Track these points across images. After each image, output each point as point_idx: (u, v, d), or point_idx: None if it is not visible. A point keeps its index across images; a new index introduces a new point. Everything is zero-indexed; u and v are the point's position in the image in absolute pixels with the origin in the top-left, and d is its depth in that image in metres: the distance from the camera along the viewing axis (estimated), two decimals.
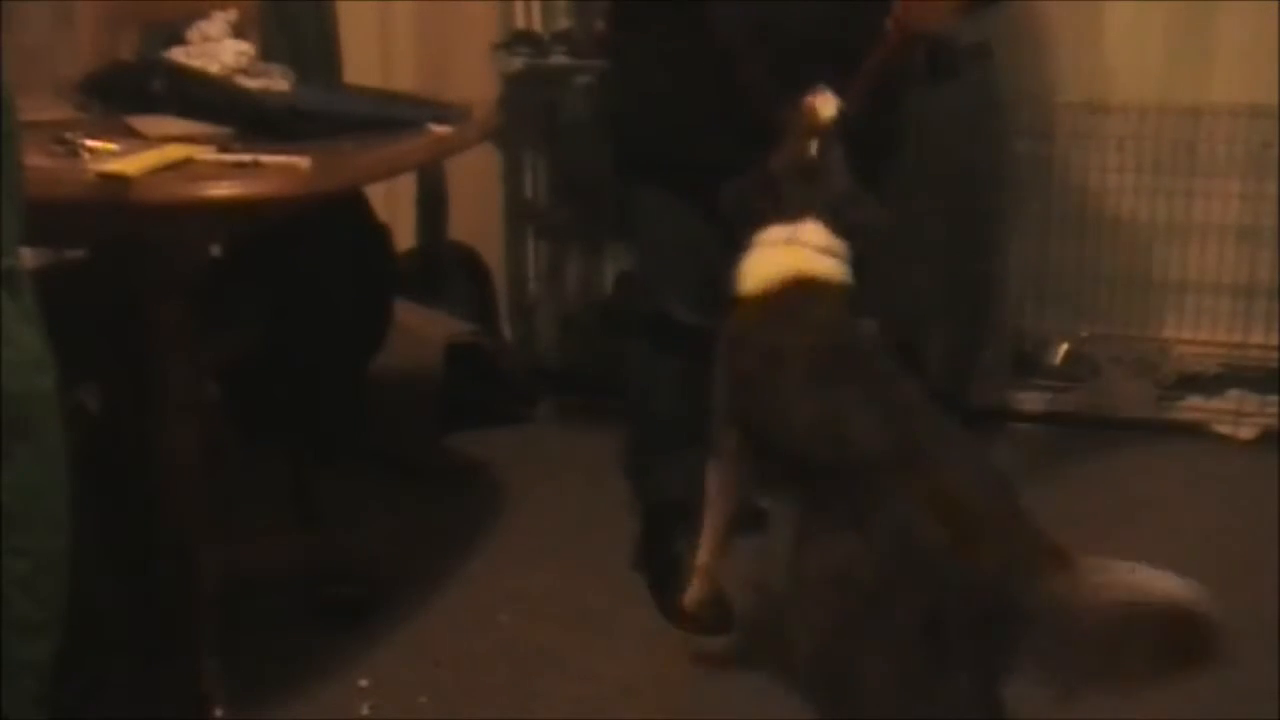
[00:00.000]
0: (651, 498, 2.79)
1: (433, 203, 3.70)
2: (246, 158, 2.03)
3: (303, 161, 2.03)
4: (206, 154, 2.07)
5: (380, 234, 2.81)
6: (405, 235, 3.65)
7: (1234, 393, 3.48)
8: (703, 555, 2.38)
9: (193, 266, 2.12)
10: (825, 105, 2.29)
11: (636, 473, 2.81)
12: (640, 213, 2.69)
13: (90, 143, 2.04)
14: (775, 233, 2.22)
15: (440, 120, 2.37)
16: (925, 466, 1.81)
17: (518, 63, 3.59)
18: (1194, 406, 3.50)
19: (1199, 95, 3.42)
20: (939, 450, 1.85)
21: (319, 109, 2.29)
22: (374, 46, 3.62)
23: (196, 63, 2.43)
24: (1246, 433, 3.45)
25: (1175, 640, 1.63)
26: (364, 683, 2.39)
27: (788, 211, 2.22)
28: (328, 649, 2.47)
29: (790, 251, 2.20)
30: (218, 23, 2.50)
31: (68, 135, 2.05)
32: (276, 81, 2.47)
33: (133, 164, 1.95)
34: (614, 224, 3.54)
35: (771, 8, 2.46)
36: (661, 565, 2.73)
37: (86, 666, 1.99)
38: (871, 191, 2.49)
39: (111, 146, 2.05)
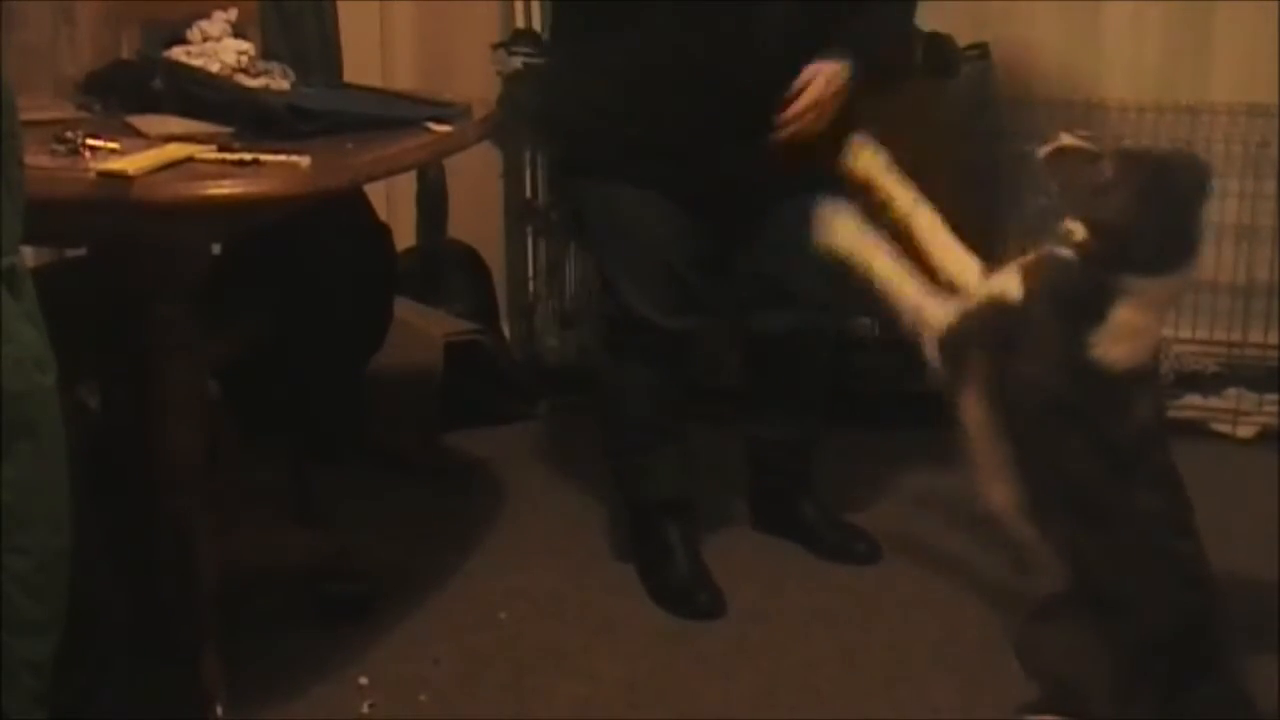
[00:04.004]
0: (640, 497, 2.79)
1: (433, 202, 3.70)
2: (247, 156, 2.04)
3: (303, 160, 2.03)
4: (207, 153, 2.07)
5: (380, 233, 2.81)
6: (405, 234, 3.65)
7: (1232, 391, 3.48)
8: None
9: (193, 266, 2.12)
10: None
11: (620, 474, 2.81)
12: (598, 212, 2.64)
13: (91, 142, 2.05)
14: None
15: (440, 119, 2.38)
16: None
17: (517, 62, 3.59)
18: (1192, 405, 3.50)
19: (1197, 94, 3.42)
20: None
21: (319, 108, 2.30)
22: (374, 46, 3.62)
23: (197, 62, 2.43)
24: (1245, 431, 3.45)
25: None
26: (364, 681, 2.39)
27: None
28: (328, 647, 2.47)
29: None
30: (218, 22, 2.50)
31: (69, 134, 2.05)
32: (277, 81, 2.48)
33: (134, 163, 1.95)
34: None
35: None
36: (652, 552, 2.74)
37: (86, 666, 1.99)
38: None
39: (112, 145, 2.05)
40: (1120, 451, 2.19)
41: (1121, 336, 2.14)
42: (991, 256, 2.35)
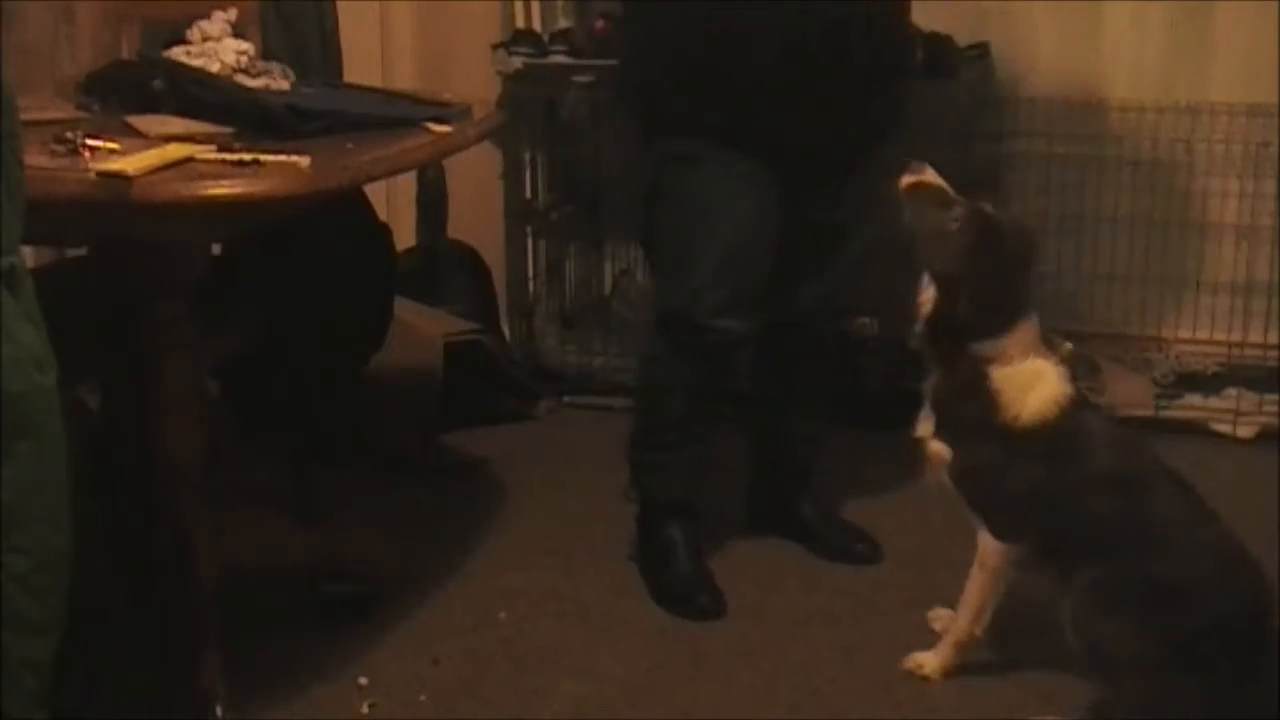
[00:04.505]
0: (651, 495, 2.80)
1: (433, 202, 3.71)
2: (247, 156, 2.04)
3: (303, 160, 2.03)
4: (207, 153, 2.07)
5: (380, 233, 2.81)
6: (405, 234, 3.66)
7: (1232, 391, 3.48)
8: (964, 627, 2.38)
9: (193, 266, 2.12)
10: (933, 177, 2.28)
11: (639, 468, 2.81)
12: (678, 189, 2.57)
13: (91, 142, 2.04)
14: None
15: (440, 119, 2.38)
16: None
17: (517, 62, 3.59)
18: (1192, 405, 3.50)
19: (1197, 94, 3.43)
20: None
21: (319, 108, 2.30)
22: (374, 46, 3.63)
23: (197, 62, 2.43)
24: (1245, 431, 3.45)
25: None
26: (363, 681, 2.39)
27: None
28: (327, 647, 2.47)
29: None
30: (218, 22, 2.51)
31: (69, 134, 2.05)
32: (277, 81, 2.48)
33: (133, 163, 1.95)
34: (617, 223, 3.56)
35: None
36: (655, 552, 2.74)
37: (86, 666, 1.99)
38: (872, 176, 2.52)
39: (112, 145, 2.05)
40: (1113, 476, 2.20)
41: (1016, 394, 2.21)
42: None
